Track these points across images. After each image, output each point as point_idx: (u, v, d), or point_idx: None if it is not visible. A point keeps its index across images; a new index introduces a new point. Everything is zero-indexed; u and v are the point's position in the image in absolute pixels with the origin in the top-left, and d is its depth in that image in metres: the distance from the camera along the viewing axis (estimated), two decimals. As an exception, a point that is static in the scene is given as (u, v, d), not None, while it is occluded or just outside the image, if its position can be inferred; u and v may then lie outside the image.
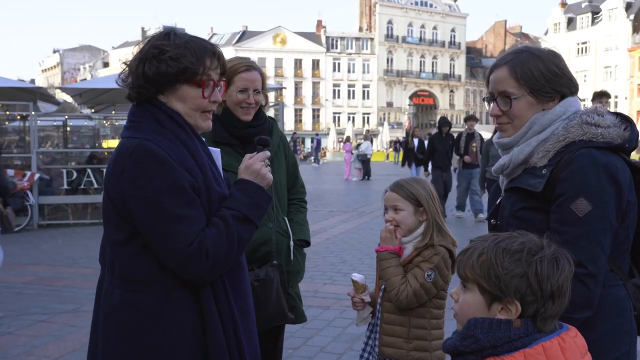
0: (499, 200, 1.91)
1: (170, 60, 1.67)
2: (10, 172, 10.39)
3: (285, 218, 2.77)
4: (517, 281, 1.29)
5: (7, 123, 15.29)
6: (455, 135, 11.90)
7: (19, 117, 14.05)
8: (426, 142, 13.94)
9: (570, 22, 60.59)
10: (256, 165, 1.79)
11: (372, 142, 23.39)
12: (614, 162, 1.69)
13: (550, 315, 1.31)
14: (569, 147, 1.72)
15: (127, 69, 1.75)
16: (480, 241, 1.37)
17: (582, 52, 58.81)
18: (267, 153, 1.85)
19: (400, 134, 50.59)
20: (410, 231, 2.45)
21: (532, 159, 1.78)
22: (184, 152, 1.68)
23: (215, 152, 1.86)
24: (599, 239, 1.63)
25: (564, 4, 63.21)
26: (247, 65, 2.66)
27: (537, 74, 1.76)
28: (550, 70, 1.78)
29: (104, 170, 10.97)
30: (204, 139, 1.81)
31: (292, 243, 2.72)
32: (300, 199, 2.93)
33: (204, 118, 1.78)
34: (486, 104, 1.90)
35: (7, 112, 13.89)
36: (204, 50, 1.72)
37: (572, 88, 1.83)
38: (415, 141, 16.73)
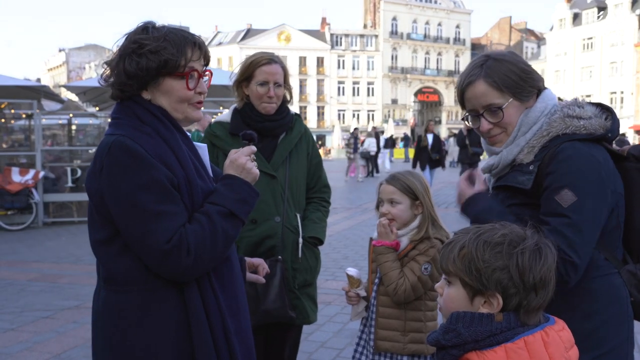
0: None
1: (150, 53, 1.63)
2: (16, 169, 10.46)
3: (298, 214, 2.71)
4: (498, 274, 1.27)
5: (12, 121, 15.37)
6: None
7: (24, 116, 14.12)
8: (450, 139, 13.84)
9: (576, 18, 60.25)
10: (241, 159, 1.75)
11: (378, 139, 23.00)
12: (597, 154, 1.70)
13: (533, 307, 1.29)
14: (553, 141, 1.73)
15: (108, 67, 1.71)
16: (463, 234, 1.36)
17: (587, 48, 58.49)
18: (253, 148, 1.82)
19: (406, 131, 50.53)
20: (406, 224, 2.46)
21: (518, 156, 1.79)
22: (164, 147, 1.64)
23: (202, 147, 1.84)
24: (583, 228, 1.64)
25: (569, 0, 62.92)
26: (268, 59, 2.63)
27: (514, 77, 1.76)
28: (522, 69, 1.79)
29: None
30: (188, 134, 1.79)
31: (300, 240, 2.67)
32: (322, 198, 2.86)
33: (193, 108, 1.74)
34: (468, 123, 1.87)
35: (12, 111, 13.96)
36: (184, 40, 1.68)
37: (542, 81, 1.84)
38: (430, 138, 13.99)
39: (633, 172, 1.80)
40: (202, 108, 1.82)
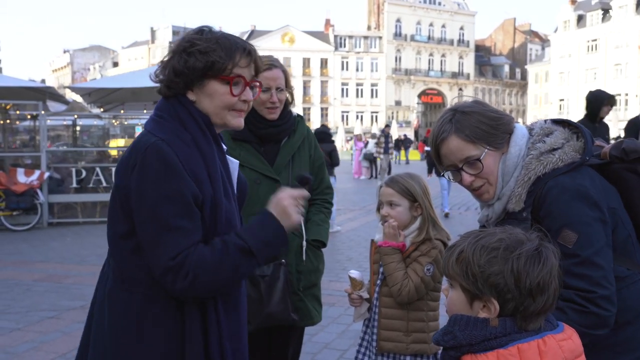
0: None
1: (199, 53, 1.63)
2: (21, 170, 10.52)
3: (302, 217, 2.73)
4: (493, 279, 1.27)
5: (17, 122, 15.44)
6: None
7: (29, 117, 14.20)
8: None
9: (580, 20, 60.15)
10: (286, 201, 1.69)
11: (388, 140, 22.26)
12: (581, 181, 1.68)
13: (532, 312, 1.27)
14: (537, 184, 1.71)
15: (161, 64, 1.72)
16: (464, 238, 1.37)
17: (592, 50, 58.38)
18: (305, 193, 1.76)
19: (410, 133, 50.51)
20: (405, 226, 2.49)
21: (508, 205, 1.77)
22: (199, 161, 1.63)
23: (234, 163, 1.81)
24: (596, 261, 1.62)
25: (573, 1, 62.77)
26: (268, 64, 2.61)
27: (484, 127, 1.76)
28: (490, 117, 1.78)
29: (113, 169, 11.01)
30: (225, 148, 1.77)
31: (304, 243, 2.68)
32: (324, 199, 2.86)
33: (234, 115, 1.72)
34: (448, 177, 1.86)
35: (18, 112, 14.03)
36: (235, 45, 1.67)
37: (512, 121, 1.83)
38: None
39: (622, 172, 1.78)
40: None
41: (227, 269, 1.59)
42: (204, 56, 1.63)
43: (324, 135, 11.02)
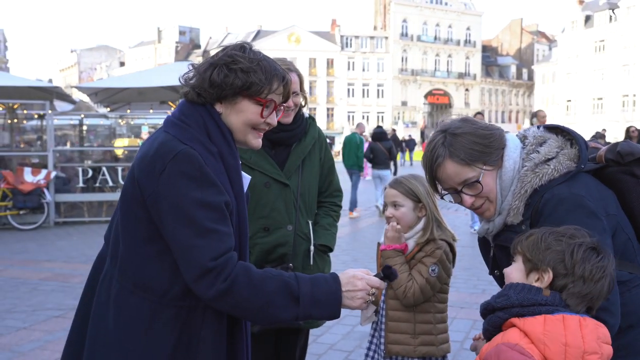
0: (492, 253, 1.90)
1: (241, 72, 1.65)
2: (28, 169, 10.57)
3: (310, 221, 2.71)
4: (554, 255, 1.49)
5: (24, 122, 15.51)
6: None
7: (36, 116, 14.26)
8: None
9: (588, 20, 59.89)
10: (359, 285, 1.63)
11: (397, 141, 22.26)
12: (578, 190, 1.67)
13: (577, 293, 1.47)
14: (534, 197, 1.71)
15: (193, 69, 1.72)
16: (538, 229, 1.59)
17: (599, 50, 58.10)
18: (383, 285, 1.69)
19: (416, 133, 50.44)
20: (410, 227, 2.49)
21: (507, 219, 1.77)
22: (223, 174, 1.65)
23: (247, 178, 1.82)
24: None
25: (581, 1, 62.52)
26: (284, 68, 2.63)
27: (478, 147, 1.75)
28: (482, 135, 1.76)
29: (119, 168, 10.96)
30: (240, 162, 1.78)
31: (311, 247, 2.68)
32: (333, 202, 2.85)
33: (255, 135, 1.75)
34: (449, 201, 1.86)
35: (25, 111, 14.09)
36: (275, 72, 1.71)
37: (502, 132, 1.81)
38: None
39: (618, 175, 1.77)
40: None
41: (264, 295, 1.55)
42: (244, 75, 1.65)
43: (381, 135, 12.28)
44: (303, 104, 2.73)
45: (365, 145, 12.87)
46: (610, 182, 1.78)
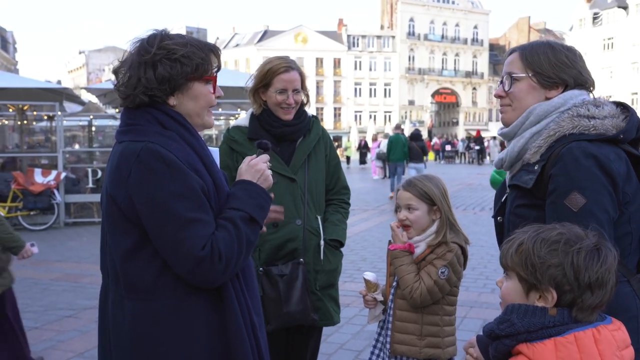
0: (504, 197, 1.90)
1: (184, 58, 1.66)
2: (38, 170, 10.65)
3: (319, 217, 2.73)
4: (553, 270, 1.32)
5: (34, 123, 15.63)
6: None
7: (45, 117, 14.36)
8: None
9: (596, 18, 59.48)
10: (260, 166, 1.78)
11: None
12: (605, 153, 1.64)
13: (588, 306, 1.32)
14: (560, 142, 1.69)
15: (123, 75, 1.68)
16: (523, 232, 1.41)
17: (608, 48, 57.69)
18: (266, 157, 1.84)
19: (424, 132, 50.21)
20: (424, 230, 2.45)
21: (526, 154, 1.77)
22: (191, 153, 1.65)
23: (214, 151, 1.87)
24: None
25: (589, -1, 62.11)
26: (286, 66, 2.65)
27: (543, 57, 1.79)
28: (559, 58, 1.79)
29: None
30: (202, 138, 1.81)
31: (322, 242, 2.69)
32: (341, 199, 2.87)
33: (209, 114, 1.78)
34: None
35: (35, 113, 14.19)
36: (206, 46, 1.73)
37: (580, 80, 1.80)
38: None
39: None
40: (220, 109, 1.87)
41: (244, 243, 1.64)
42: (189, 60, 1.67)
43: (417, 136, 15.41)
44: (305, 101, 2.76)
45: (375, 144, 13.71)
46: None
